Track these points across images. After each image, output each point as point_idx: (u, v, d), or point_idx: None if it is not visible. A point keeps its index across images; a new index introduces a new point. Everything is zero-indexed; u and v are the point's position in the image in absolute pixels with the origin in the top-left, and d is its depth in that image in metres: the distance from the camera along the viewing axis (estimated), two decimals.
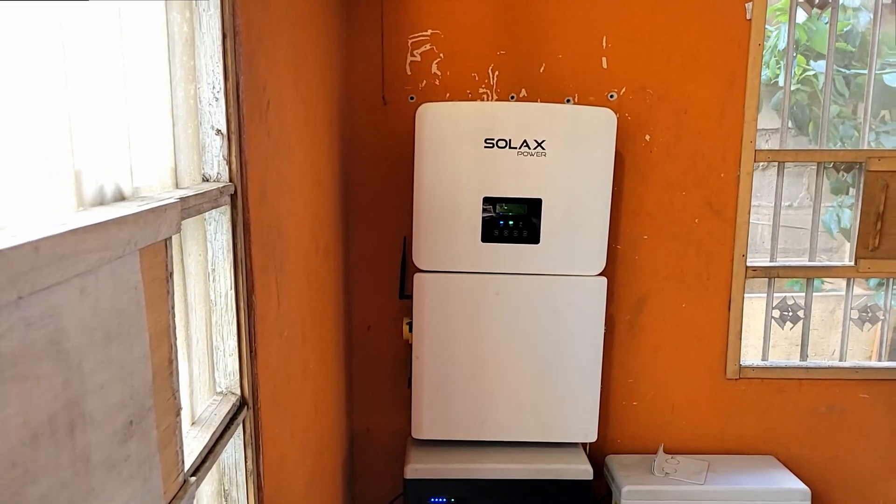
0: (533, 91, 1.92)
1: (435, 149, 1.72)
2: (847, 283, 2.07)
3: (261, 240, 1.02)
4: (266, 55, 1.03)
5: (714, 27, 1.87)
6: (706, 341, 2.04)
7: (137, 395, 0.56)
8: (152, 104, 0.74)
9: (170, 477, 0.65)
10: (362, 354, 2.07)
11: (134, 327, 0.55)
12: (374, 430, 2.12)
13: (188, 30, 0.79)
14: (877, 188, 1.91)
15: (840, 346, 2.11)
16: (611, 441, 2.10)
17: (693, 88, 1.91)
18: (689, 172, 1.95)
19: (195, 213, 0.74)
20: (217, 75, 0.83)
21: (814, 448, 2.09)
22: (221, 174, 0.87)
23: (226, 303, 0.91)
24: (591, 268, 1.80)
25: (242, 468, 0.98)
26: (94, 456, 0.49)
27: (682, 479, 1.86)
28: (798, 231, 3.41)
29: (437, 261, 1.79)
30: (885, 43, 3.17)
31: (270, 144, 1.07)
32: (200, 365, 0.90)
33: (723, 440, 2.09)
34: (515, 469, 1.81)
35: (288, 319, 1.22)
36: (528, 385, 1.84)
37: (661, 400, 2.07)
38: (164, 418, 0.63)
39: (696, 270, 2.00)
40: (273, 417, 1.12)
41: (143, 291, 0.57)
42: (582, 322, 1.82)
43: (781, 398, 2.07)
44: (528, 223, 1.76)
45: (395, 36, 1.89)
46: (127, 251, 0.52)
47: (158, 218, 0.58)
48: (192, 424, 0.85)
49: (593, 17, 1.88)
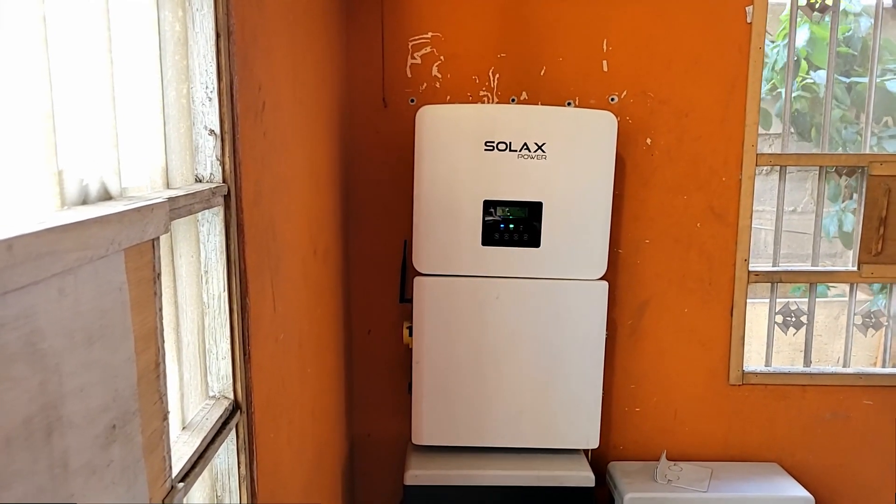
0: (533, 94, 1.91)
1: (435, 151, 1.71)
2: (850, 288, 2.04)
3: (255, 242, 1.01)
4: (262, 56, 1.03)
5: (715, 31, 1.86)
6: (709, 346, 2.01)
7: (121, 399, 0.55)
8: (141, 103, 0.73)
9: (156, 483, 0.64)
10: (362, 359, 2.05)
11: (118, 329, 0.54)
12: (374, 436, 2.10)
13: (180, 29, 0.79)
14: (879, 192, 1.89)
15: (844, 352, 2.08)
16: (613, 447, 2.07)
17: (694, 92, 1.89)
18: (690, 176, 1.94)
19: (186, 213, 0.73)
20: (210, 75, 0.82)
21: (818, 455, 2.06)
22: (215, 175, 0.86)
23: (219, 305, 0.90)
24: (592, 272, 1.79)
25: (235, 474, 0.97)
26: (73, 461, 0.48)
27: (685, 487, 1.84)
28: (802, 236, 3.39)
29: (437, 264, 1.77)
30: (886, 48, 3.15)
31: (266, 145, 1.06)
32: (192, 368, 0.88)
33: (726, 447, 2.06)
34: (516, 476, 1.79)
35: (284, 323, 1.21)
36: (529, 390, 1.83)
37: (663, 406, 2.05)
38: (151, 422, 0.62)
39: (699, 275, 1.98)
40: (268, 422, 1.11)
41: (128, 292, 0.56)
42: (583, 326, 1.80)
43: (785, 404, 2.04)
44: (529, 227, 1.75)
45: (396, 38, 1.89)
46: (110, 251, 0.51)
47: (144, 218, 0.57)
48: (183, 429, 0.84)
49: (594, 21, 1.87)
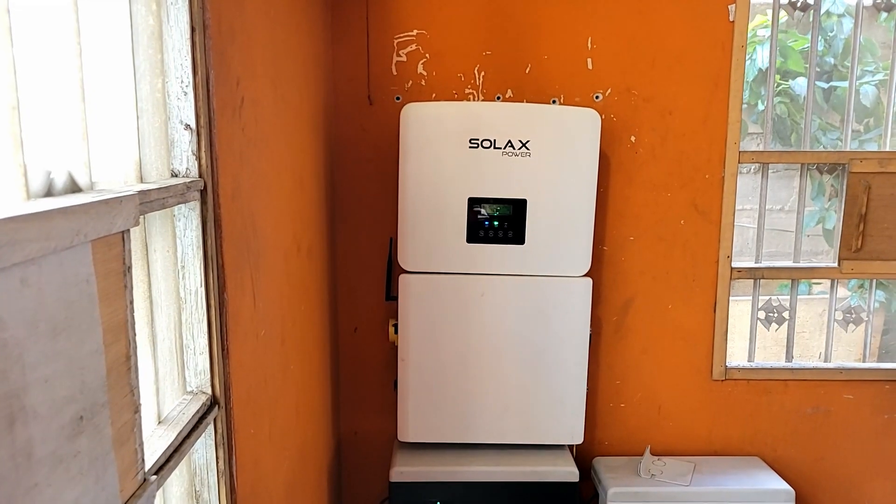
0: (519, 92, 1.92)
1: (420, 149, 1.72)
2: (831, 285, 2.07)
3: (234, 237, 1.01)
4: (240, 51, 1.03)
5: (698, 29, 1.88)
6: (692, 343, 2.03)
7: (89, 390, 0.55)
8: (113, 96, 0.73)
9: (128, 475, 0.64)
10: (349, 357, 2.06)
11: (85, 321, 0.54)
12: (360, 434, 2.11)
13: (154, 22, 0.79)
14: (859, 189, 1.92)
15: (825, 348, 2.11)
16: (598, 443, 2.09)
17: (678, 90, 1.91)
18: (674, 174, 1.95)
19: (159, 207, 0.73)
20: (186, 69, 0.82)
21: (799, 449, 2.09)
22: (191, 170, 0.86)
23: (196, 300, 0.90)
24: (576, 268, 1.80)
25: (214, 469, 0.97)
26: (37, 450, 0.48)
27: (668, 481, 1.86)
28: (789, 235, 3.43)
29: (422, 262, 1.78)
30: (867, 49, 3.19)
31: (245, 141, 1.06)
32: (168, 363, 0.88)
33: (709, 441, 2.08)
34: (502, 471, 1.80)
35: (265, 319, 1.21)
36: (514, 387, 1.84)
37: (647, 402, 2.07)
38: (121, 415, 0.62)
39: (682, 272, 2.00)
40: (248, 418, 1.11)
41: (95, 284, 0.56)
42: (568, 323, 1.81)
43: (767, 399, 2.06)
44: (514, 224, 1.76)
45: (381, 36, 1.89)
46: (76, 242, 0.51)
47: (113, 210, 0.57)
48: (159, 423, 0.84)
49: (579, 19, 1.88)
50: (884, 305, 3.33)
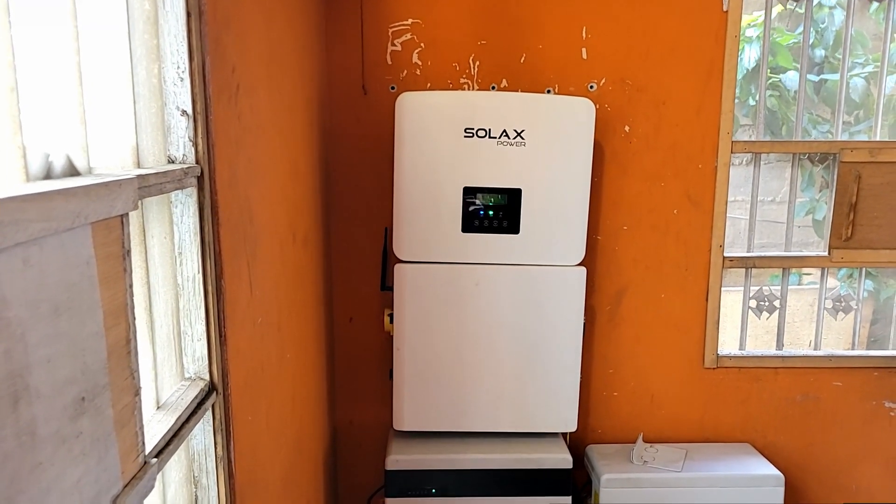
0: (514, 81, 1.92)
1: (415, 138, 1.72)
2: (821, 273, 2.09)
3: (230, 224, 1.01)
4: (235, 38, 1.02)
5: (692, 19, 1.89)
6: (685, 331, 2.05)
7: (90, 372, 0.56)
8: (110, 81, 0.73)
9: (129, 456, 0.65)
10: (345, 346, 2.06)
11: (86, 303, 0.55)
12: (356, 422, 2.12)
13: (150, 7, 0.78)
14: (850, 179, 1.94)
15: (815, 336, 2.14)
16: (591, 431, 2.11)
17: (671, 80, 1.92)
18: (667, 163, 1.97)
19: (157, 192, 0.74)
20: (182, 55, 0.82)
21: (789, 435, 2.12)
22: (187, 156, 0.86)
23: (193, 287, 0.90)
24: (570, 258, 1.81)
25: (212, 454, 0.97)
26: (41, 429, 0.48)
27: (660, 467, 1.88)
28: (778, 226, 3.46)
29: (417, 251, 1.78)
30: (858, 41, 3.21)
31: (241, 128, 1.06)
32: (166, 349, 0.89)
33: (701, 429, 2.11)
34: (496, 459, 1.82)
35: (262, 306, 1.21)
36: (508, 375, 1.85)
37: (640, 390, 2.09)
38: (122, 397, 0.63)
39: (675, 261, 2.02)
40: (245, 404, 1.12)
41: (96, 266, 0.56)
42: (562, 312, 1.83)
43: (758, 387, 2.09)
44: (508, 213, 1.77)
45: (376, 25, 1.88)
46: (76, 224, 0.52)
47: (112, 193, 0.57)
48: (158, 408, 0.84)
49: (573, 8, 1.88)
50: (872, 295, 3.37)
